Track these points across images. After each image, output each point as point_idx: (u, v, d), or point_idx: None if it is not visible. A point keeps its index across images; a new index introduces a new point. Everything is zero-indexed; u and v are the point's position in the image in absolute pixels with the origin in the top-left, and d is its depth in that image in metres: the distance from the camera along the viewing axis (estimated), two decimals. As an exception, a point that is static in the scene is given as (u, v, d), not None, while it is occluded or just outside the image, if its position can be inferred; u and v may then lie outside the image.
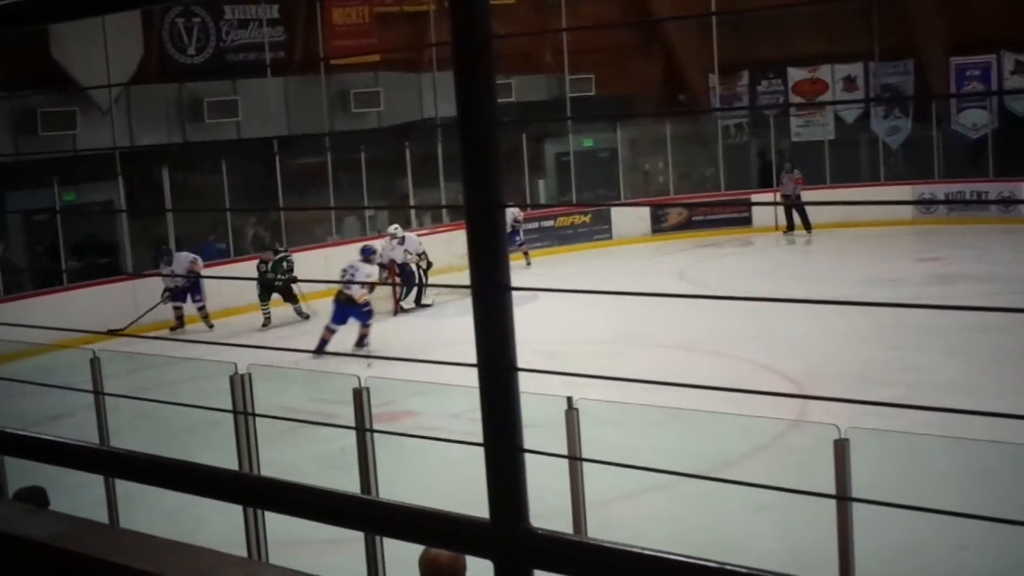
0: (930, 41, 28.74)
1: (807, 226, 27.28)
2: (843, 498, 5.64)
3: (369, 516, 2.20)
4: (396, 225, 22.03)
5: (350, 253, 21.37)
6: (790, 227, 27.52)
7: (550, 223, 27.45)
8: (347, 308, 17.48)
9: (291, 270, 21.06)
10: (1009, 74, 27.77)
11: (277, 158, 24.04)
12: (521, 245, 24.73)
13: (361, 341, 17.60)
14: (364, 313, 17.70)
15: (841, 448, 5.72)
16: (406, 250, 21.17)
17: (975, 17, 28.13)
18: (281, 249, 21.38)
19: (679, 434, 9.60)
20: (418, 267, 21.38)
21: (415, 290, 21.15)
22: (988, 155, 28.02)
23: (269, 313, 20.21)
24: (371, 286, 18.39)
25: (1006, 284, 19.14)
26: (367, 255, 19.51)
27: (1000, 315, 14.80)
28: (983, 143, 28.19)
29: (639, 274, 23.26)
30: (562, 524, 6.34)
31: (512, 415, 1.68)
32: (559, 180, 29.86)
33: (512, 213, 24.15)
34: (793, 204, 26.91)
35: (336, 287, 17.59)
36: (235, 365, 7.60)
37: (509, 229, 24.05)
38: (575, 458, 6.28)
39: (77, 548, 2.23)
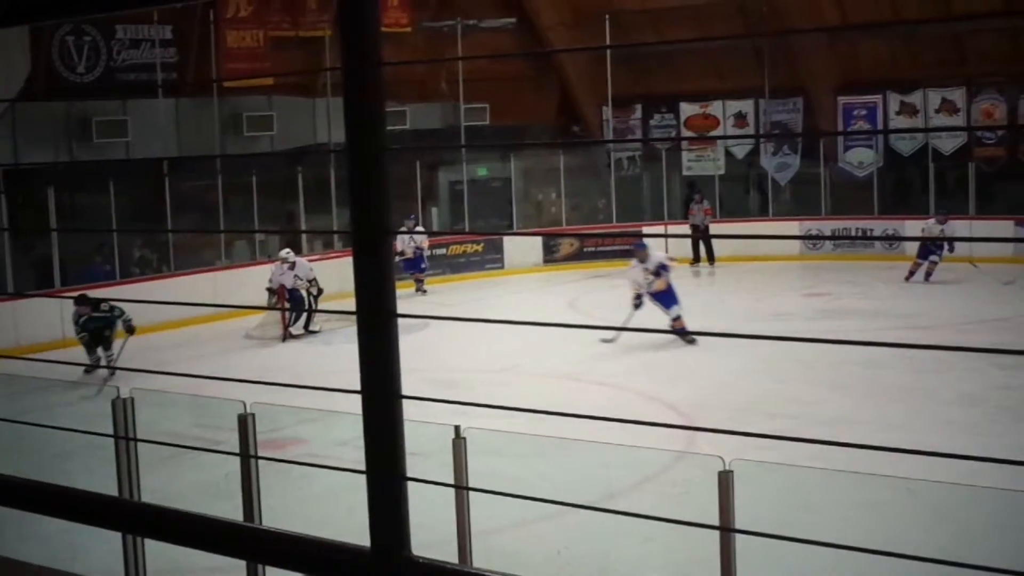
0: (819, 80, 29.37)
1: (711, 258, 27.46)
2: (727, 529, 5.70)
3: (250, 544, 2.18)
4: (288, 250, 21.82)
5: (239, 277, 21.19)
6: (696, 258, 27.62)
7: (442, 251, 27.43)
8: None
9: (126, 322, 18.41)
10: (894, 114, 28.43)
11: (167, 180, 23.67)
12: (423, 271, 25.49)
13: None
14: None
15: (725, 480, 5.79)
16: (296, 275, 20.98)
17: (862, 59, 28.82)
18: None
19: (566, 464, 9.62)
20: (308, 293, 21.21)
21: (304, 316, 20.97)
22: (873, 193, 28.64)
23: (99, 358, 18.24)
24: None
25: (889, 320, 19.57)
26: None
27: (884, 350, 15.15)
28: (869, 181, 28.84)
29: (530, 304, 23.36)
30: (451, 554, 6.32)
31: (395, 442, 1.68)
32: (452, 208, 29.84)
33: (417, 240, 24.75)
34: (700, 236, 27.15)
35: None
36: (117, 388, 7.47)
37: (413, 255, 25.12)
38: (460, 487, 6.27)
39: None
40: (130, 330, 18.06)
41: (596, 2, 29.44)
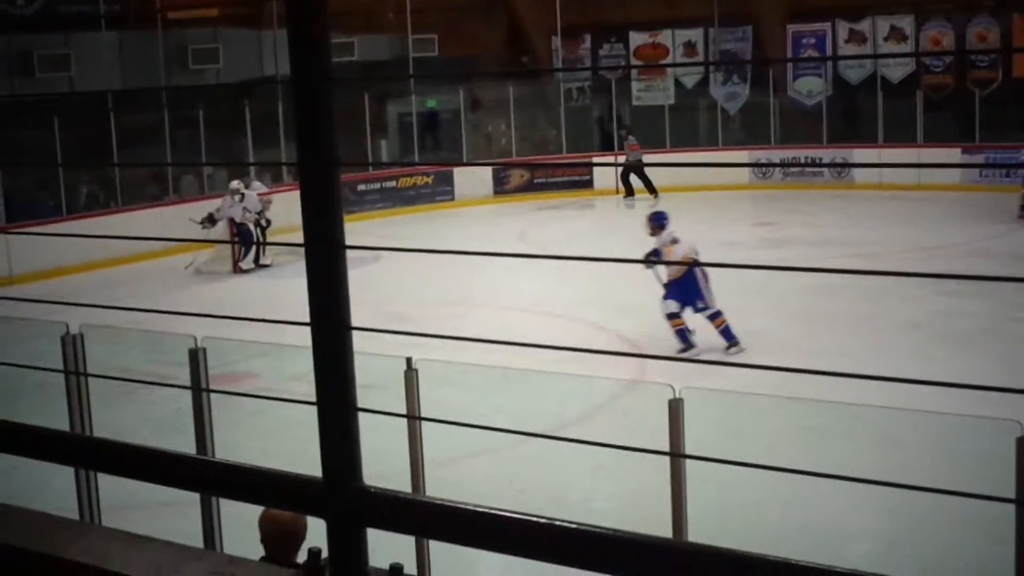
0: (768, 9, 29.27)
1: (651, 190, 27.36)
2: (676, 455, 5.78)
3: (203, 477, 2.20)
4: (237, 181, 21.54)
5: (186, 211, 21.01)
6: (629, 193, 27.71)
7: (392, 184, 27.29)
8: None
9: None
10: (844, 42, 28.43)
11: (111, 114, 23.38)
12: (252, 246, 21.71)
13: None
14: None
15: (675, 407, 5.86)
16: (244, 208, 20.78)
17: (811, -14, 28.79)
18: None
19: (518, 395, 9.70)
20: (256, 226, 21.05)
21: (254, 250, 20.83)
22: (823, 121, 28.74)
23: None
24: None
25: (836, 248, 19.75)
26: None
27: (831, 278, 15.32)
28: (818, 109, 28.91)
29: (481, 236, 23.31)
30: (404, 485, 6.37)
31: (345, 374, 1.69)
32: (401, 141, 29.68)
33: (249, 203, 21.64)
34: (632, 168, 27.15)
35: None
36: (66, 325, 7.42)
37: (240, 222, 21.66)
38: (413, 417, 6.30)
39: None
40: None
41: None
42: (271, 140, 25.91)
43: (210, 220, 20.77)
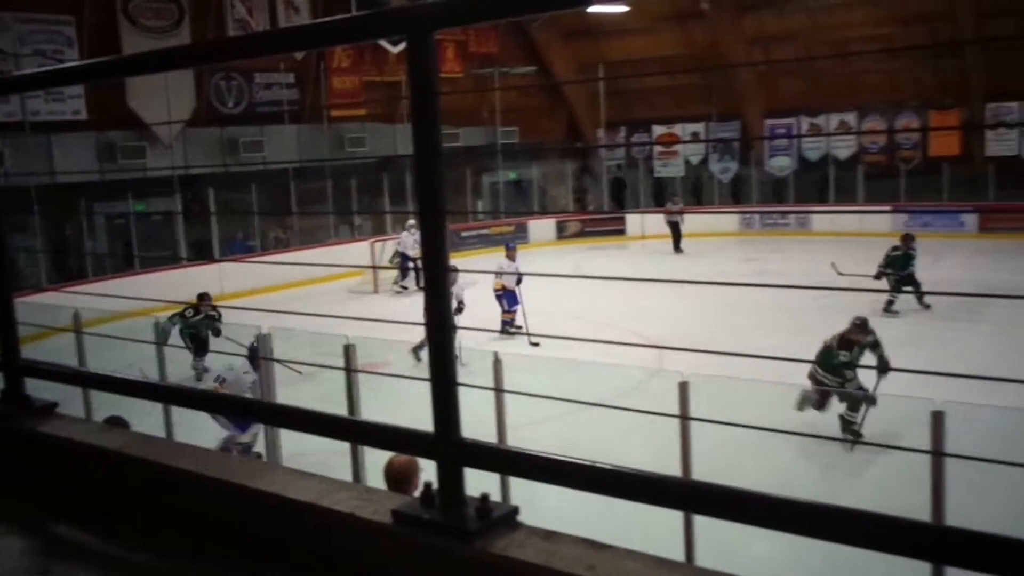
0: (751, 108, 29.12)
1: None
2: (684, 417, 5.72)
3: (351, 430, 2.21)
4: (412, 220, 21.17)
5: (342, 250, 21.17)
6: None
7: (486, 231, 27.43)
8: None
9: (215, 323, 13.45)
10: (806, 130, 28.24)
11: (292, 183, 23.78)
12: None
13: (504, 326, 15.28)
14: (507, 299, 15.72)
15: (684, 387, 5.81)
16: (415, 241, 20.23)
17: (783, 92, 28.56)
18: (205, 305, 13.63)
19: (572, 379, 9.64)
20: (415, 259, 20.99)
21: (409, 275, 20.84)
22: (791, 188, 28.46)
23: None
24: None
25: (802, 278, 19.36)
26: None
27: (801, 298, 15.05)
28: (787, 179, 28.65)
29: (546, 266, 23.24)
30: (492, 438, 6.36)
31: (449, 360, 1.68)
32: (491, 201, 29.87)
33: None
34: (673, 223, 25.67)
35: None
36: (259, 327, 7.51)
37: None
38: (499, 390, 6.31)
39: (141, 454, 2.21)
40: (216, 333, 13.03)
41: (593, 54, 29.32)
42: (403, 200, 26.09)
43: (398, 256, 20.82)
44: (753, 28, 27.51)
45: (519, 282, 15.38)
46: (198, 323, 13.36)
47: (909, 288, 15.93)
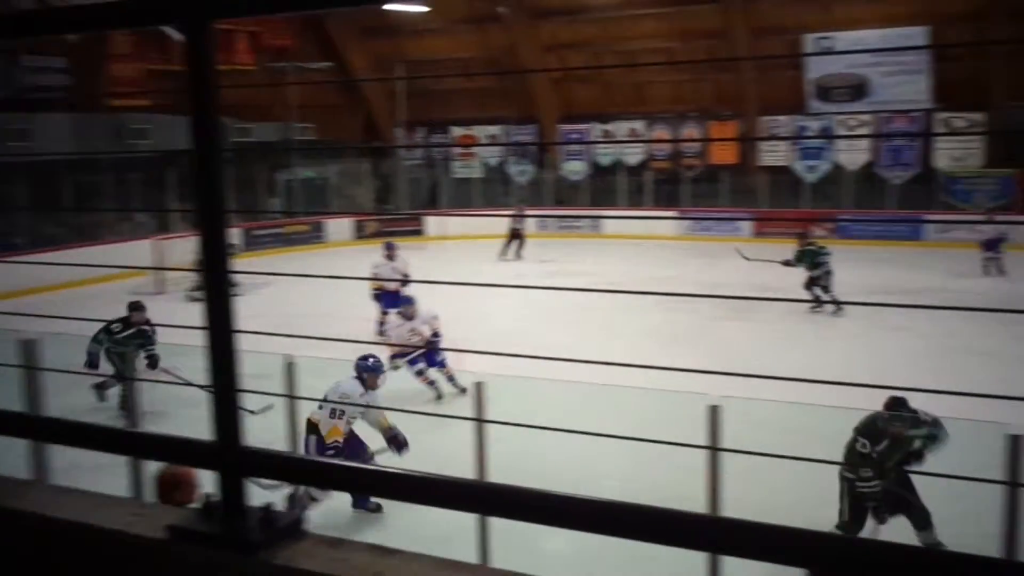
0: (547, 113, 29.90)
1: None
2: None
3: (128, 444, 2.09)
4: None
5: (121, 248, 20.02)
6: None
7: (280, 231, 26.72)
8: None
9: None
10: (599, 137, 29.23)
11: (68, 176, 22.25)
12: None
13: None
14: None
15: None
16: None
17: (577, 98, 29.52)
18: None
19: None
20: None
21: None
22: (585, 191, 29.41)
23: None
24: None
25: (596, 278, 19.95)
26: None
27: (596, 300, 15.51)
28: (580, 183, 29.60)
29: (343, 267, 22.85)
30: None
31: (231, 365, 1.61)
32: (287, 200, 29.13)
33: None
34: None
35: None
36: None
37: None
38: (291, 396, 6.11)
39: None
40: (151, 358, 10.59)
41: (391, 52, 29.22)
42: (188, 196, 24.97)
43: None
44: (548, 35, 28.30)
45: (405, 285, 14.00)
46: (127, 340, 10.68)
47: (818, 287, 15.85)
